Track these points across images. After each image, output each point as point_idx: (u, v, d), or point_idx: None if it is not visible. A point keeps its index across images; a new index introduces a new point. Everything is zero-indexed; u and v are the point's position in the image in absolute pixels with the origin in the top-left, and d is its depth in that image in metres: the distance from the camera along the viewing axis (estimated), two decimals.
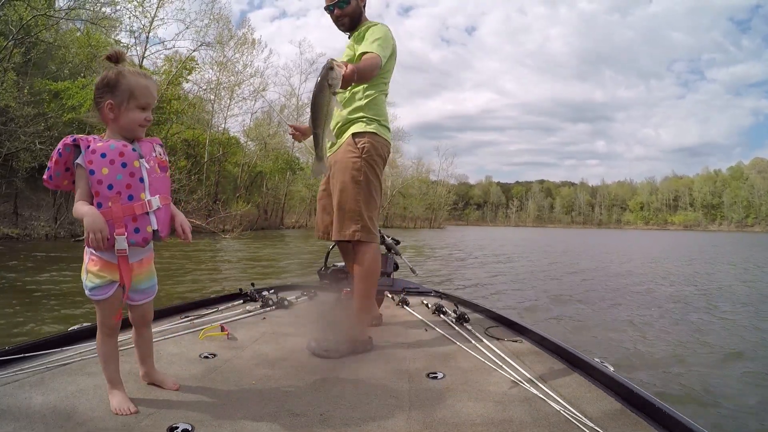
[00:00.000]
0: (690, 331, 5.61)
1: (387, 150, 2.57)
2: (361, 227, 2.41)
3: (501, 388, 1.82)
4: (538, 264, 14.39)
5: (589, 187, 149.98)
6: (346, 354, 2.24)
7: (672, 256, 19.22)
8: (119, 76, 1.52)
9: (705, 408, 3.32)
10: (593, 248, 24.06)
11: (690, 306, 7.36)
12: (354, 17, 2.60)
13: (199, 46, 26.32)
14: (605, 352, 4.39)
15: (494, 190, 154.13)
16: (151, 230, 1.55)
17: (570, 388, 1.81)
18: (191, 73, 26.56)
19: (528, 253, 19.26)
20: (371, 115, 2.50)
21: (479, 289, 8.56)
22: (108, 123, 1.56)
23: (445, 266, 12.98)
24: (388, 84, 2.63)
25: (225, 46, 29.32)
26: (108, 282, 1.53)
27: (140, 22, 22.09)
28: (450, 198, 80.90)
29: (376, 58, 2.32)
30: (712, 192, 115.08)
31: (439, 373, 1.99)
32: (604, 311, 6.82)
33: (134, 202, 1.51)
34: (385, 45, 2.42)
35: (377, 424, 1.50)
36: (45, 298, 6.20)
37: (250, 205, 31.53)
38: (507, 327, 2.73)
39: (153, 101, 1.60)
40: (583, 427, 1.45)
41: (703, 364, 4.32)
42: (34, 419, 1.42)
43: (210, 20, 27.10)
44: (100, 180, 1.48)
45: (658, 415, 1.50)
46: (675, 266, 14.51)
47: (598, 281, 10.25)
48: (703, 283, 10.33)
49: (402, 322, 2.94)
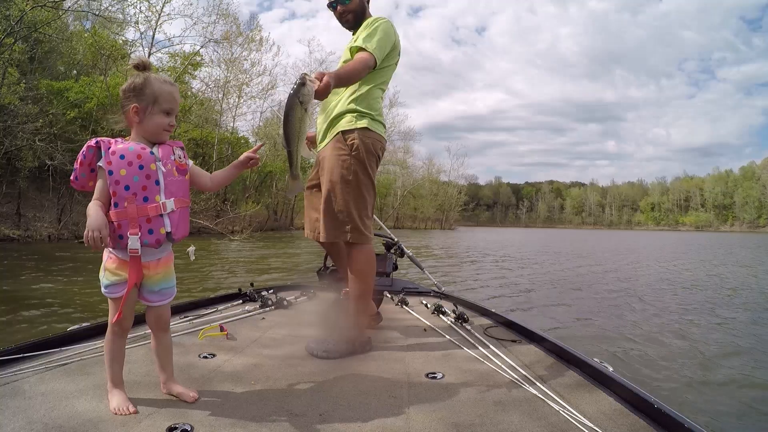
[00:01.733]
0: (691, 331, 5.53)
1: (381, 146, 2.41)
2: (351, 228, 2.29)
3: (500, 388, 1.79)
4: (560, 270, 13.53)
5: (600, 188, 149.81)
6: (345, 354, 2.20)
7: (683, 258, 18.59)
8: (145, 82, 1.57)
9: (705, 408, 3.29)
10: (605, 250, 23.40)
11: (691, 306, 7.22)
12: (358, 14, 2.49)
13: (206, 42, 25.42)
14: (605, 353, 4.37)
15: (504, 191, 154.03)
16: (164, 232, 1.56)
17: (569, 388, 1.79)
18: (197, 69, 25.67)
19: (553, 259, 18.59)
20: (363, 108, 2.33)
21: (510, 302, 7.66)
22: (133, 126, 1.60)
23: (476, 278, 11.88)
24: (387, 80, 2.48)
25: (233, 43, 28.36)
26: (123, 280, 1.54)
27: (145, 15, 21.22)
28: (461, 199, 79.45)
29: (367, 59, 2.23)
30: (724, 192, 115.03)
31: (439, 373, 1.97)
32: (605, 311, 6.73)
33: (149, 203, 1.54)
34: (384, 41, 2.31)
35: (377, 424, 1.48)
36: (27, 308, 5.64)
37: (260, 206, 30.73)
38: (506, 327, 2.70)
39: (176, 107, 1.64)
40: (583, 427, 1.44)
41: (704, 365, 4.25)
42: (33, 419, 1.41)
43: (218, 16, 26.21)
44: (117, 180, 1.51)
45: (657, 415, 1.47)
46: (685, 268, 14.07)
47: (600, 281, 10.11)
48: (706, 285, 10.07)
49: (401, 322, 2.90)
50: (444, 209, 74.00)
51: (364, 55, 2.24)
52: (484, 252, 19.92)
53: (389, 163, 57.82)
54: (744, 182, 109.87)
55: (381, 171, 58.99)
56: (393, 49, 2.40)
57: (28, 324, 4.86)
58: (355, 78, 2.23)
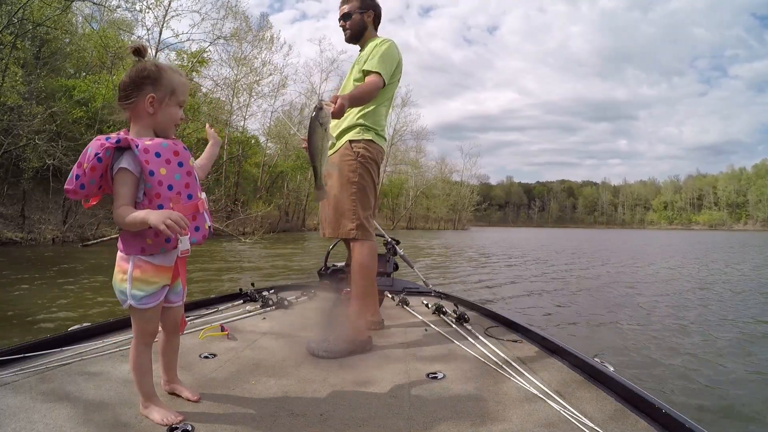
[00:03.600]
0: (691, 331, 5.45)
1: (381, 156, 2.62)
2: (356, 225, 2.45)
3: (501, 388, 1.77)
4: (572, 270, 12.75)
5: (612, 187, 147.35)
6: (345, 354, 2.21)
7: (692, 257, 17.87)
8: (160, 70, 1.46)
9: (705, 408, 3.25)
10: (617, 251, 22.44)
11: (691, 307, 7.07)
12: (354, 31, 2.67)
13: (215, 39, 24.46)
14: (605, 352, 4.28)
15: (515, 191, 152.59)
16: (207, 226, 1.53)
17: (570, 388, 1.76)
18: (203, 65, 24.68)
19: (571, 258, 17.58)
20: (369, 124, 2.54)
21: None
22: (141, 118, 1.46)
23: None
24: (391, 96, 2.68)
25: (243, 41, 27.33)
26: (160, 287, 1.45)
27: (152, 11, 20.37)
28: (474, 198, 77.81)
29: (377, 82, 2.42)
30: (737, 190, 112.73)
31: (439, 373, 1.94)
32: (605, 312, 6.56)
33: (193, 201, 1.48)
34: (390, 63, 2.49)
35: (377, 424, 1.47)
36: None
37: (271, 206, 29.78)
38: (507, 327, 2.65)
39: (187, 99, 1.57)
40: (583, 427, 1.43)
41: (704, 365, 4.20)
42: (34, 419, 1.40)
43: (226, 11, 25.17)
44: (160, 181, 1.40)
45: (658, 415, 1.46)
46: (693, 267, 13.65)
47: (603, 283, 9.82)
48: (709, 284, 9.75)
49: (402, 322, 2.85)
50: (457, 209, 72.46)
51: (374, 78, 2.41)
52: (508, 252, 19.01)
53: (401, 162, 56.86)
54: (757, 180, 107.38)
55: (393, 171, 58.67)
56: (396, 67, 2.57)
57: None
58: (367, 99, 2.42)
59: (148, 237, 1.38)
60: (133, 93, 1.42)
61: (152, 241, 1.38)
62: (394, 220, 57.39)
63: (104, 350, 2.01)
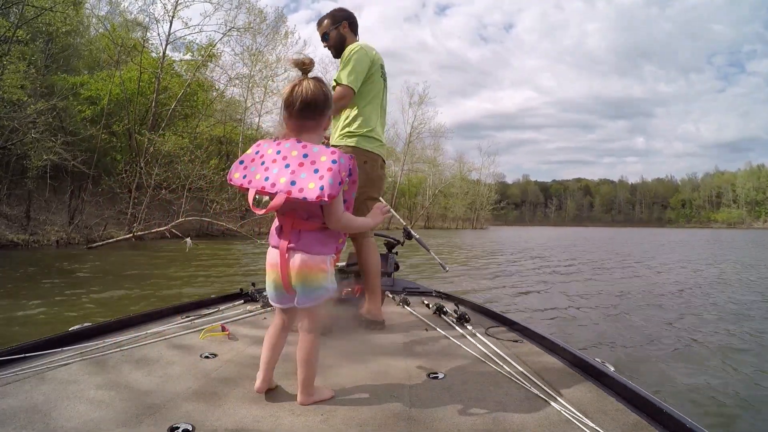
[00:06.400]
0: (693, 332, 5.19)
1: (370, 157, 2.61)
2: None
3: (501, 388, 1.71)
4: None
5: (629, 185, 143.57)
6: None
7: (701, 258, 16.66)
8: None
9: (706, 408, 3.14)
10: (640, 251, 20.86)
11: (692, 307, 6.75)
12: (336, 47, 2.72)
13: (228, 30, 23.01)
14: (606, 352, 4.20)
15: (532, 189, 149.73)
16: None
17: (570, 388, 1.69)
18: (212, 60, 23.19)
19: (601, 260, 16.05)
20: (353, 129, 2.58)
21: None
22: (318, 132, 1.51)
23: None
24: (377, 91, 2.65)
25: (257, 33, 25.82)
26: None
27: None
28: (492, 197, 75.35)
29: (341, 92, 2.46)
30: (756, 188, 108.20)
31: (440, 373, 1.86)
32: (606, 312, 6.28)
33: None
34: (357, 68, 2.51)
35: (377, 424, 1.42)
36: None
37: None
38: (508, 327, 2.57)
39: None
40: (584, 427, 1.38)
41: (705, 365, 4.05)
42: (34, 419, 1.36)
43: (240, 2, 23.64)
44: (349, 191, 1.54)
45: (658, 415, 1.41)
46: (699, 267, 13.01)
47: (604, 283, 9.32)
48: (711, 283, 9.35)
49: (402, 322, 2.78)
50: (475, 208, 70.31)
51: (338, 89, 2.48)
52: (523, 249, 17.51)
53: (419, 161, 55.20)
54: None
55: (410, 170, 57.03)
56: (371, 65, 2.58)
57: None
58: (338, 108, 2.50)
59: (341, 237, 1.52)
60: (325, 112, 1.48)
61: (342, 240, 1.53)
62: (412, 219, 55.71)
63: (105, 350, 1.92)
